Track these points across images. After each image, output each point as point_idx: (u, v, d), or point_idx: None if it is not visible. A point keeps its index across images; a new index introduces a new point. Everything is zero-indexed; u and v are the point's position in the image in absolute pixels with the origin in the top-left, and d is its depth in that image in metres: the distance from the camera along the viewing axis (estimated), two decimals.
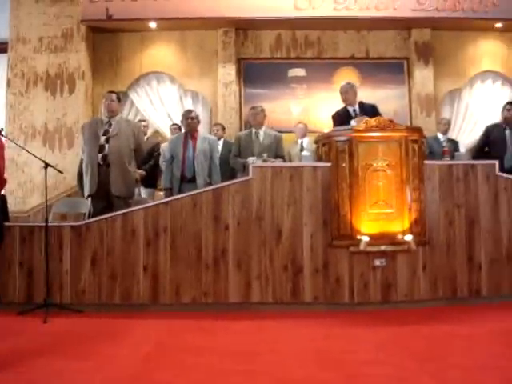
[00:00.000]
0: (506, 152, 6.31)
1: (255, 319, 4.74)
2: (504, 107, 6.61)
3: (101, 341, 4.15)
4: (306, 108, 8.86)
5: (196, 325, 4.63)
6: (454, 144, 7.36)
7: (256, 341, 4.08)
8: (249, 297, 5.09)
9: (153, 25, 8.69)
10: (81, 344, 4.07)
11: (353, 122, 5.30)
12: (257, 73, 8.87)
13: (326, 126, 8.05)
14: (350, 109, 5.87)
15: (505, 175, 5.41)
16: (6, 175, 3.52)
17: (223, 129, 7.60)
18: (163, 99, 8.86)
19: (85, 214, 5.97)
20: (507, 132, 6.44)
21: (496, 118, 7.68)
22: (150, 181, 6.98)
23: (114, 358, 3.63)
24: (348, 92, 5.91)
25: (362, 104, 5.92)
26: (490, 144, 6.50)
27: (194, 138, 6.03)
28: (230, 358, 3.61)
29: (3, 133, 4.33)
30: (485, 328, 4.30)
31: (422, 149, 5.23)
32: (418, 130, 5.29)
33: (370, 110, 5.68)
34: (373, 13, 8.58)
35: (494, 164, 5.38)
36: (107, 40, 8.97)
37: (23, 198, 8.12)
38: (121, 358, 3.63)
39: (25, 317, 4.92)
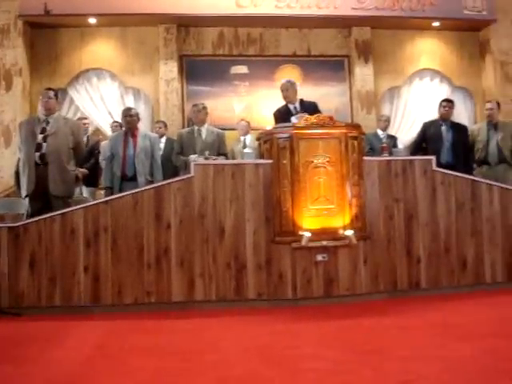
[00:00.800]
0: (442, 147, 6.48)
1: (199, 318, 4.73)
2: (440, 104, 6.79)
3: (39, 344, 4.05)
4: (249, 105, 8.88)
5: (139, 325, 4.57)
6: (393, 140, 7.53)
7: (200, 339, 4.05)
8: (192, 295, 5.06)
9: (92, 20, 8.53)
10: (18, 348, 3.95)
11: (293, 119, 5.34)
12: (199, 70, 8.83)
13: (269, 123, 8.08)
14: (291, 106, 5.92)
15: (441, 170, 5.57)
16: None
17: (165, 126, 7.54)
18: (104, 96, 8.70)
19: (23, 214, 5.80)
20: (443, 128, 6.62)
21: (434, 114, 7.89)
22: (92, 179, 6.84)
23: (52, 362, 3.54)
24: (288, 89, 5.96)
25: (302, 101, 5.98)
26: (427, 140, 6.66)
27: (135, 136, 5.94)
28: (174, 357, 3.57)
29: None
30: (424, 319, 4.42)
31: (362, 145, 5.33)
32: (358, 127, 5.38)
33: (310, 108, 5.74)
34: (314, 11, 8.68)
35: (431, 159, 5.53)
36: (46, 36, 8.75)
37: None
38: (60, 362, 3.54)
39: None
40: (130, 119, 5.96)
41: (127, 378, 3.19)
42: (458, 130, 6.71)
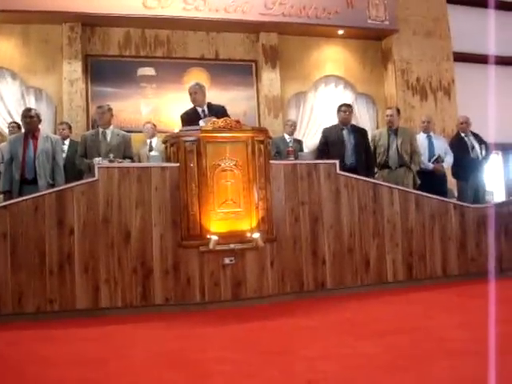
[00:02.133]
0: (345, 151, 6.66)
1: (104, 325, 4.61)
2: (339, 109, 6.95)
3: None
4: (156, 108, 8.77)
5: (41, 334, 4.41)
6: (299, 144, 7.68)
7: (105, 347, 3.97)
8: (97, 302, 4.93)
9: None
10: None
11: (201, 123, 5.33)
12: (105, 70, 8.61)
13: (177, 125, 8.04)
14: (199, 109, 5.91)
15: (345, 173, 5.75)
16: None
17: (69, 128, 7.29)
18: (3, 96, 8.28)
19: None
20: (345, 132, 6.80)
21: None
22: None
23: None
24: (197, 92, 5.94)
25: (210, 105, 5.99)
26: (329, 145, 6.80)
27: (35, 138, 5.72)
28: (78, 366, 3.47)
29: None
30: (329, 319, 4.55)
31: (268, 149, 5.41)
32: (264, 131, 5.45)
33: (218, 111, 5.75)
34: (222, 15, 8.71)
35: (335, 163, 5.70)
36: None
37: None
38: None
39: None
40: (29, 120, 5.73)
41: None
42: (359, 133, 6.94)
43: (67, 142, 6.89)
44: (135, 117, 8.58)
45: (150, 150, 6.99)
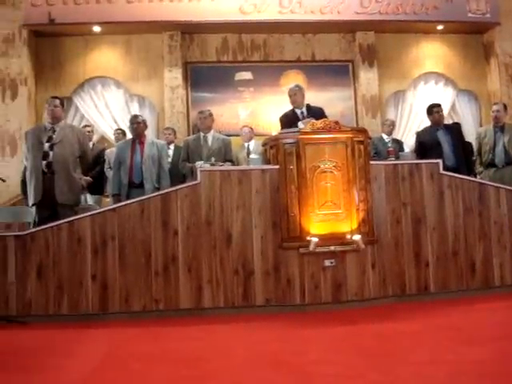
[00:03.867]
0: (443, 152, 6.42)
1: (207, 324, 4.70)
2: (430, 110, 6.69)
3: (48, 353, 4.04)
4: (254, 111, 8.89)
5: (147, 332, 4.56)
6: (399, 144, 7.51)
7: (208, 346, 4.04)
8: (200, 302, 5.05)
9: (97, 29, 8.56)
10: (27, 357, 3.94)
11: (300, 125, 5.34)
12: (204, 76, 8.85)
13: (274, 128, 8.12)
14: (298, 111, 5.91)
15: (448, 173, 5.54)
16: None
17: (174, 133, 7.52)
18: (109, 104, 8.72)
19: (29, 223, 5.81)
20: (440, 133, 6.55)
21: None
22: (97, 187, 6.85)
23: (61, 370, 3.53)
24: (297, 94, 5.95)
25: (309, 106, 5.98)
26: (426, 148, 6.57)
27: (142, 143, 5.96)
28: (182, 364, 3.56)
29: None
30: (433, 323, 4.39)
31: (368, 149, 5.32)
32: (364, 131, 5.37)
33: (317, 113, 5.72)
34: (318, 16, 8.69)
35: (438, 163, 5.50)
36: (50, 44, 8.79)
37: None
38: (69, 370, 3.53)
39: None
40: (136, 126, 5.99)
41: None
42: (454, 130, 6.68)
43: (172, 146, 7.10)
44: (233, 121, 8.74)
45: (248, 153, 7.07)
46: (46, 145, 5.42)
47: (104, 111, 8.69)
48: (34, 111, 8.53)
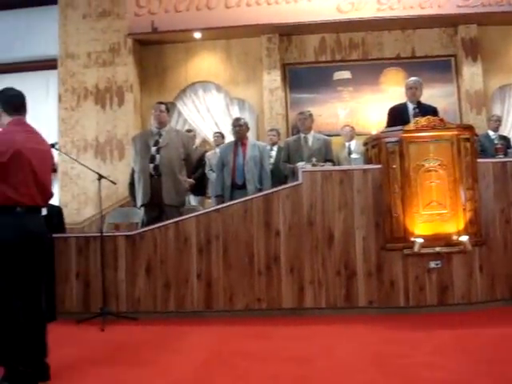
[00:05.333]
0: None
1: (309, 324, 4.72)
2: None
3: (157, 348, 4.21)
4: (353, 110, 8.80)
5: (250, 331, 4.64)
6: (506, 141, 7.17)
7: (310, 346, 4.06)
8: (302, 302, 5.07)
9: (197, 35, 8.80)
10: (138, 352, 4.14)
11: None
12: (302, 77, 8.87)
13: (374, 127, 8.02)
14: (411, 105, 5.65)
15: None
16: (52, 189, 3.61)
17: (278, 134, 7.57)
18: (210, 108, 8.94)
19: (137, 223, 6.07)
20: None
21: None
22: (200, 189, 7.04)
23: (171, 365, 3.68)
24: (418, 88, 5.70)
25: (420, 103, 5.73)
26: None
27: (244, 145, 6.07)
28: (285, 363, 3.61)
29: (56, 146, 4.44)
30: None
31: (475, 147, 5.12)
32: (470, 128, 5.17)
33: (429, 111, 5.43)
34: (417, 11, 8.47)
35: None
36: (153, 52, 9.13)
37: (78, 210, 8.32)
38: (178, 365, 3.67)
39: (83, 325, 5.04)
40: (239, 129, 6.10)
41: (240, 383, 3.25)
42: None
43: (275, 148, 7.16)
44: (332, 121, 8.69)
45: (349, 152, 7.01)
46: (153, 148, 5.64)
47: (205, 115, 8.93)
48: (140, 116, 8.90)
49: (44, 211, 3.56)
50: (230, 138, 7.13)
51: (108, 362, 3.85)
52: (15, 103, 3.41)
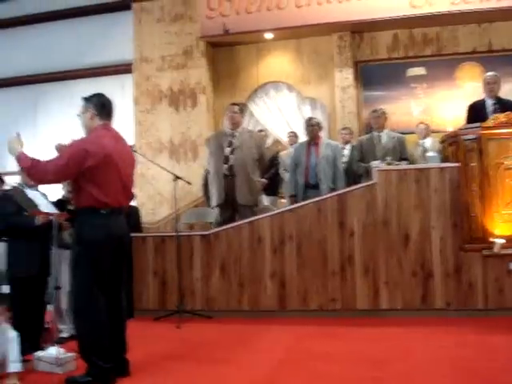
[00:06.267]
0: None
1: (384, 326, 4.66)
2: None
3: (233, 346, 4.27)
4: (428, 107, 8.58)
5: (324, 331, 4.63)
6: None
7: (386, 348, 4.00)
8: (377, 303, 5.02)
9: (269, 35, 8.83)
10: (214, 349, 4.21)
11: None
12: (374, 75, 8.73)
13: (450, 124, 7.80)
14: (489, 101, 5.46)
15: None
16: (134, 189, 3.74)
17: (351, 133, 7.49)
18: (281, 108, 8.95)
19: (211, 223, 6.16)
20: None
21: None
22: (272, 189, 7.06)
23: (247, 364, 3.72)
24: (496, 83, 5.52)
25: (500, 99, 5.52)
26: None
27: (317, 145, 6.04)
28: (361, 365, 3.58)
29: (133, 149, 4.58)
30: None
31: None
32: None
33: (509, 106, 5.20)
34: (493, 4, 8.15)
35: None
36: (225, 54, 9.23)
37: (153, 210, 8.53)
38: (254, 364, 3.71)
39: (159, 323, 5.18)
40: (311, 128, 6.09)
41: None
42: None
43: (348, 146, 7.09)
44: (406, 118, 8.51)
45: (424, 150, 6.84)
46: (227, 149, 5.72)
47: (277, 115, 8.94)
48: (213, 118, 9.02)
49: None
50: (303, 137, 7.11)
51: (185, 358, 3.94)
52: (108, 109, 3.57)
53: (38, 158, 3.40)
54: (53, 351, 3.72)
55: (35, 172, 3.39)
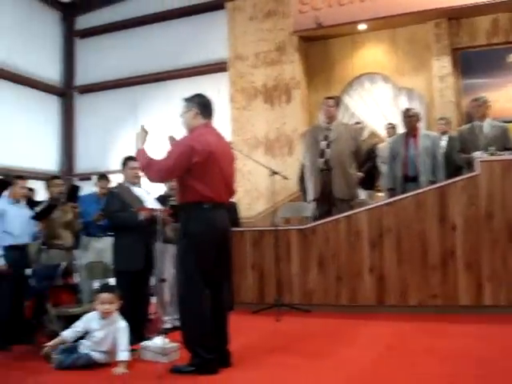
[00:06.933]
0: None
1: (487, 323, 4.50)
2: None
3: (332, 340, 4.27)
4: None
5: (425, 328, 4.53)
6: None
7: (490, 346, 3.88)
8: (480, 299, 4.85)
9: (362, 27, 8.70)
10: (313, 343, 4.23)
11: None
12: (473, 62, 8.38)
13: None
14: None
15: None
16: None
17: (449, 123, 7.22)
18: (377, 99, 8.81)
19: (308, 217, 6.17)
20: None
21: None
22: (369, 182, 6.97)
23: (347, 359, 3.71)
24: None
25: None
26: None
27: (415, 136, 5.87)
28: (463, 362, 3.48)
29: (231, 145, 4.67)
30: None
31: None
32: None
33: None
34: None
35: None
36: (318, 48, 9.20)
37: (249, 205, 8.66)
38: (354, 359, 3.69)
39: (258, 315, 5.26)
40: (409, 120, 5.92)
41: (418, 380, 3.18)
42: None
43: (445, 137, 6.86)
44: (510, 106, 8.11)
45: None
46: (323, 143, 5.70)
47: (373, 107, 8.80)
48: (307, 112, 9.01)
49: None
50: (401, 129, 6.95)
51: (285, 351, 3.99)
52: (210, 109, 3.70)
53: (153, 158, 3.54)
54: (158, 341, 3.87)
55: (150, 171, 3.54)
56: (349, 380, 3.26)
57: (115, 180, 5.24)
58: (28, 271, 4.60)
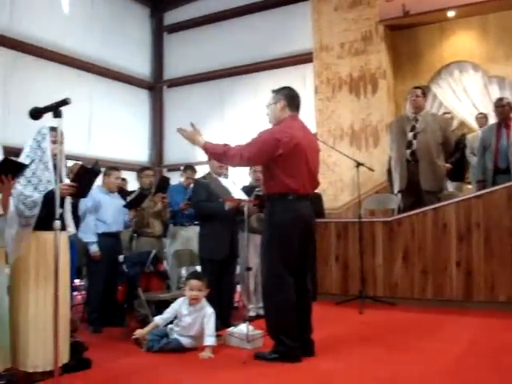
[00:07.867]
0: None
1: None
2: None
3: (416, 334, 4.23)
4: None
5: None
6: None
7: None
8: None
9: (451, 14, 8.43)
10: (397, 336, 4.20)
11: None
12: None
13: None
14: None
15: None
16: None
17: None
18: (467, 89, 8.51)
19: (393, 209, 6.10)
20: None
21: None
22: (457, 174, 6.78)
23: (432, 353, 3.66)
24: None
25: None
26: None
27: (508, 127, 5.66)
28: None
29: (316, 137, 4.68)
30: None
31: None
32: None
33: None
34: None
35: None
36: (405, 36, 9.00)
37: (334, 196, 8.63)
38: (440, 354, 3.64)
39: (341, 307, 5.28)
40: (502, 109, 5.73)
41: (499, 378, 3.10)
42: None
43: None
44: None
45: None
46: (410, 134, 5.61)
47: (462, 96, 8.51)
48: (394, 103, 8.85)
49: None
50: (493, 119, 6.69)
51: (368, 343, 3.98)
52: (297, 101, 3.73)
53: (226, 144, 3.61)
54: (243, 328, 3.96)
55: (229, 157, 3.58)
56: (429, 373, 3.21)
57: (202, 171, 5.39)
58: (121, 257, 4.80)
